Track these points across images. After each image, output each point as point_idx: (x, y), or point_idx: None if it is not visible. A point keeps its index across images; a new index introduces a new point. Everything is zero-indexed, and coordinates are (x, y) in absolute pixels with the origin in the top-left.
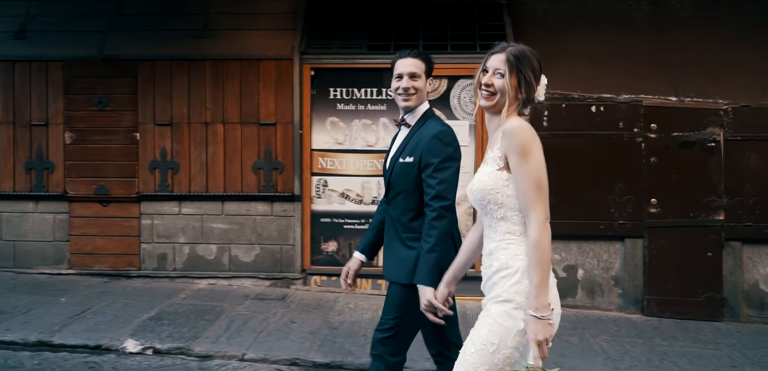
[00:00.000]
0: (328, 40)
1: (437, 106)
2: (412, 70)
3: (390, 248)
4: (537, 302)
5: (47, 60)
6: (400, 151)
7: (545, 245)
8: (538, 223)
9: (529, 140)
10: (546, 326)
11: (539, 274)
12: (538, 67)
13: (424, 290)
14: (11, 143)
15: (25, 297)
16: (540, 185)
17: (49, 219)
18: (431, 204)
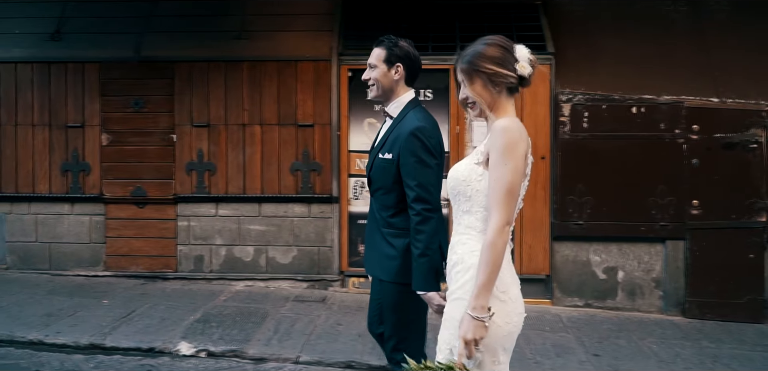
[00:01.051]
0: (364, 41)
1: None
2: (370, 61)
3: (371, 240)
4: (476, 302)
5: (83, 62)
6: (380, 146)
7: (498, 250)
8: (497, 226)
9: (514, 142)
10: (479, 327)
11: (484, 276)
12: (496, 52)
13: (430, 296)
14: (47, 144)
15: (67, 299)
16: (510, 191)
17: (85, 221)
18: (413, 207)
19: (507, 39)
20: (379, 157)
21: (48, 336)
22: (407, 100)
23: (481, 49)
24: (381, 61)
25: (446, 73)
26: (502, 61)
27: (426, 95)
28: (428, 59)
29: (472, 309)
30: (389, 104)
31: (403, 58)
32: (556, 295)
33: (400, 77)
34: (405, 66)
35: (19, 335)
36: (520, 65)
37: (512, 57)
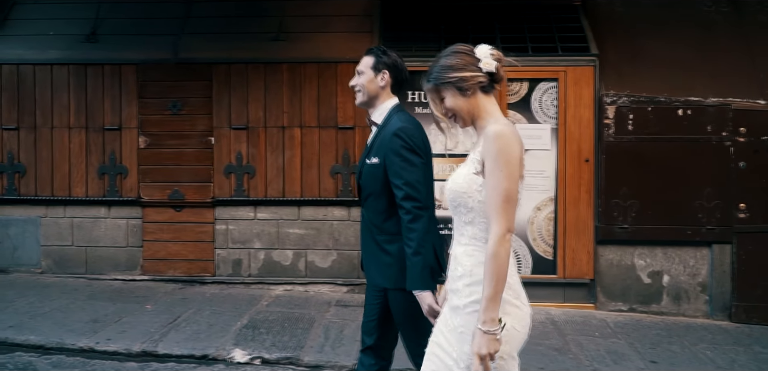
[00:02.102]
0: (403, 43)
1: (518, 109)
2: (358, 68)
3: (368, 249)
4: (485, 315)
5: (120, 63)
6: (367, 152)
7: (502, 259)
8: (498, 235)
9: (509, 148)
10: (492, 341)
11: (491, 287)
12: (456, 60)
13: (423, 296)
14: (84, 147)
15: (109, 304)
16: (508, 197)
17: (122, 225)
18: (403, 206)
19: (464, 43)
20: (366, 163)
21: (98, 344)
22: (390, 106)
23: (443, 61)
24: (368, 67)
25: None
26: (464, 65)
27: None
28: None
29: (482, 323)
30: (374, 112)
31: (389, 66)
32: (600, 299)
33: (386, 84)
34: (391, 74)
35: (69, 342)
36: (484, 63)
37: (473, 58)
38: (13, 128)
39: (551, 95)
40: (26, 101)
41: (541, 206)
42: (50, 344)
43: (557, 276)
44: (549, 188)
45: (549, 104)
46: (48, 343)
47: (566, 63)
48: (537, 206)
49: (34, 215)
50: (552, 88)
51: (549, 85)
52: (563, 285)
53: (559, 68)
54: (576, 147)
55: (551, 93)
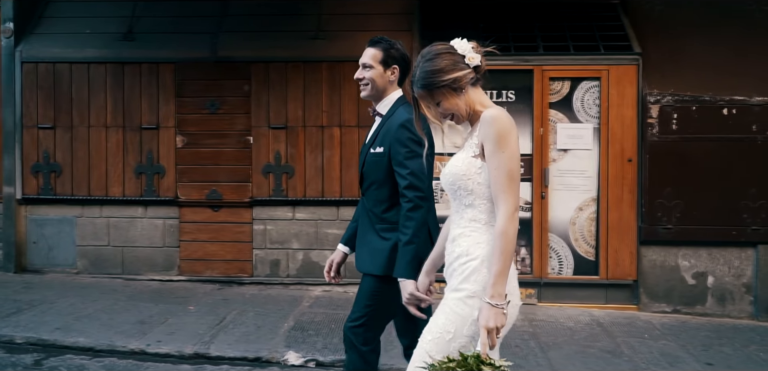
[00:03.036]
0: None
1: (559, 108)
2: (365, 60)
3: (364, 239)
4: (493, 290)
5: (158, 62)
6: (371, 141)
7: (511, 236)
8: (507, 213)
9: (507, 129)
10: (499, 314)
11: (500, 263)
12: (445, 61)
13: (405, 283)
14: (121, 146)
15: (151, 305)
16: (512, 176)
17: (159, 225)
18: (406, 195)
19: (443, 43)
20: (370, 152)
21: (149, 346)
22: (396, 98)
23: (430, 66)
24: (377, 62)
25: (529, 74)
26: (454, 65)
27: (508, 96)
28: (511, 59)
29: (490, 297)
30: (379, 103)
31: (399, 60)
32: (643, 301)
33: (394, 78)
34: (400, 68)
35: (120, 344)
36: (469, 58)
37: (459, 56)
38: (49, 127)
39: (593, 94)
40: (62, 99)
41: (583, 206)
42: (100, 346)
43: (599, 277)
44: (591, 188)
45: (591, 103)
46: (98, 345)
47: (609, 62)
48: (579, 207)
49: (70, 215)
50: (594, 87)
51: (591, 84)
52: (605, 285)
53: (601, 67)
54: (619, 147)
55: (593, 92)
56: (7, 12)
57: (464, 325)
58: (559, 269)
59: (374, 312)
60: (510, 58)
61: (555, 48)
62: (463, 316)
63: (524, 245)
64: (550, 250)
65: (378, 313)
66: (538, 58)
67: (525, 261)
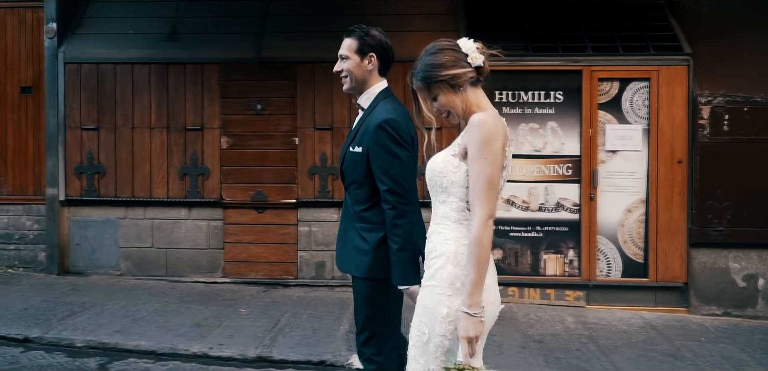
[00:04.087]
0: (488, 42)
1: (608, 109)
2: (341, 52)
3: (345, 236)
4: (470, 299)
5: (202, 63)
6: (351, 138)
7: (486, 244)
8: (480, 221)
9: (491, 135)
10: (477, 323)
11: (476, 272)
12: (447, 57)
13: (412, 291)
14: (165, 147)
15: (203, 308)
16: (491, 184)
17: (203, 226)
18: (388, 201)
19: (449, 39)
20: (349, 151)
21: (212, 349)
22: (378, 90)
23: (431, 60)
24: (353, 51)
25: (578, 75)
26: (455, 62)
27: (556, 97)
28: (558, 60)
29: (468, 306)
30: (361, 96)
31: (375, 48)
32: (693, 303)
33: (373, 67)
34: (378, 56)
35: (182, 348)
36: (472, 58)
37: (462, 54)
38: (92, 128)
39: (642, 94)
40: (106, 100)
41: (632, 208)
42: (162, 349)
43: (648, 280)
44: (640, 189)
45: (640, 104)
46: (160, 349)
47: (658, 62)
48: (627, 208)
49: (114, 217)
50: (643, 88)
51: (640, 85)
52: (654, 288)
53: (651, 68)
54: (668, 148)
55: (642, 93)
56: (50, 12)
57: (435, 322)
58: (607, 272)
59: (376, 318)
60: (558, 58)
61: (602, 48)
62: (433, 313)
63: (572, 248)
64: (598, 252)
65: (379, 317)
66: (587, 58)
67: (573, 264)
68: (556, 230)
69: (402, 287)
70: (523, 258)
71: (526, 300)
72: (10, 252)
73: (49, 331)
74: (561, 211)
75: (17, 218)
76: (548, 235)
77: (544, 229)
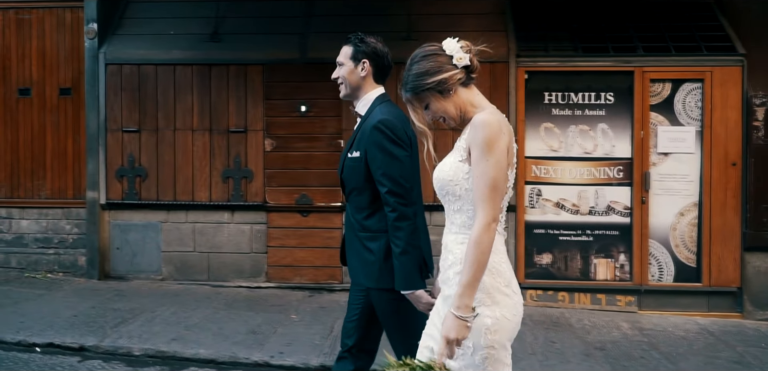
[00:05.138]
0: (538, 42)
1: (660, 111)
2: (338, 59)
3: (352, 247)
4: (459, 300)
5: (246, 64)
6: (350, 145)
7: (484, 247)
8: (482, 223)
9: (495, 135)
10: (462, 327)
11: (470, 274)
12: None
13: (416, 296)
14: (207, 150)
15: (252, 313)
16: (495, 186)
17: (246, 230)
18: (388, 202)
19: (431, 43)
20: (348, 156)
21: (273, 358)
22: (374, 96)
23: (416, 69)
24: (348, 58)
25: (629, 76)
26: (439, 67)
27: (607, 99)
28: (609, 61)
29: (455, 307)
30: (358, 103)
31: (369, 55)
32: (747, 308)
33: (367, 74)
34: (372, 62)
35: (243, 356)
36: (457, 58)
37: (446, 57)
38: (134, 130)
39: (695, 96)
40: (147, 102)
41: (685, 211)
42: (222, 358)
43: (701, 284)
44: (693, 192)
45: (693, 106)
46: (219, 357)
47: (712, 63)
48: (680, 212)
49: (155, 221)
50: (696, 89)
51: (692, 85)
52: (707, 293)
53: (704, 68)
54: (722, 150)
55: (695, 94)
56: (91, 13)
57: (479, 336)
58: (659, 276)
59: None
60: (609, 59)
61: (654, 49)
62: (475, 328)
63: (623, 252)
64: (650, 256)
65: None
66: (639, 59)
67: (624, 268)
68: (606, 233)
69: (405, 292)
70: (573, 263)
71: (577, 305)
72: (50, 257)
73: (105, 339)
74: (612, 214)
75: (56, 222)
76: (598, 239)
77: (595, 233)
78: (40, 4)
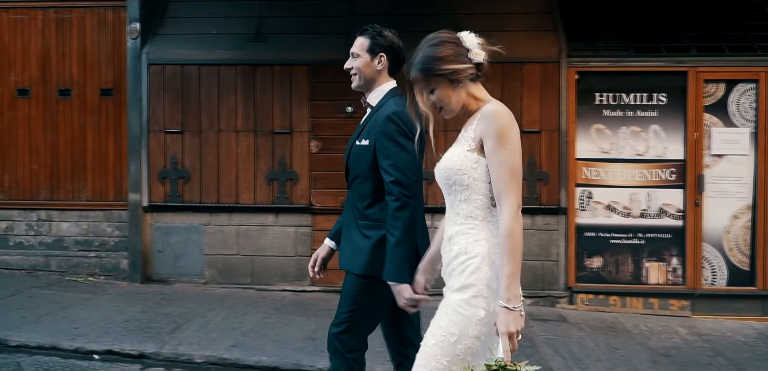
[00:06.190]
0: (587, 42)
1: (714, 112)
2: (353, 49)
3: (347, 234)
4: (508, 292)
5: (291, 64)
6: (358, 133)
7: (518, 234)
8: (510, 211)
9: (508, 125)
10: (517, 317)
11: (511, 264)
12: (449, 50)
13: (400, 288)
14: (252, 152)
15: (303, 318)
16: (515, 173)
17: (291, 233)
18: (392, 192)
19: (451, 32)
20: (356, 144)
21: None
22: (387, 89)
23: (432, 52)
24: (364, 50)
25: (682, 76)
26: (456, 56)
27: (659, 99)
28: (662, 61)
29: (506, 300)
30: (370, 95)
31: (386, 49)
32: None
33: (383, 67)
34: (388, 56)
35: (306, 364)
36: (474, 53)
37: (463, 49)
38: (176, 132)
39: (749, 96)
40: (191, 102)
41: (739, 214)
42: (286, 365)
43: (755, 288)
44: (746, 195)
45: (747, 107)
46: (283, 365)
47: (766, 63)
48: (734, 215)
49: (197, 223)
50: (750, 89)
51: (747, 86)
52: (762, 297)
53: (759, 69)
54: None
55: (749, 95)
56: (134, 12)
57: (469, 326)
58: (712, 280)
59: (358, 315)
60: (661, 59)
61: (707, 49)
62: (467, 317)
63: (676, 255)
64: (703, 260)
65: (362, 316)
66: (692, 59)
67: (677, 272)
68: (658, 237)
69: (392, 282)
70: (625, 266)
71: (629, 309)
72: (91, 260)
73: (164, 346)
74: (664, 217)
75: (97, 225)
76: (650, 242)
77: (647, 236)
78: (80, 4)
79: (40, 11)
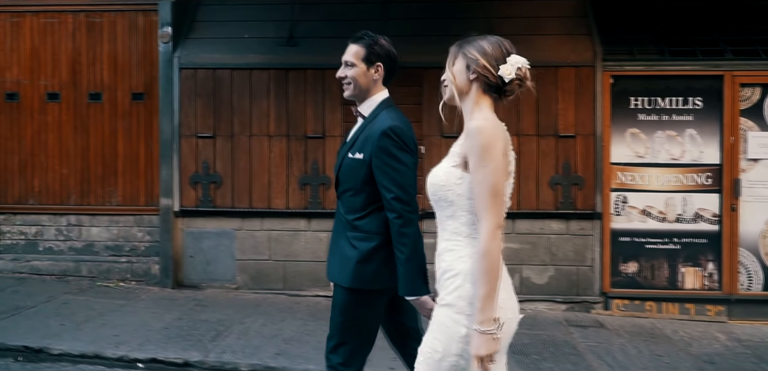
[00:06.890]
0: (622, 46)
1: (749, 116)
2: (346, 58)
3: (336, 245)
4: (481, 315)
5: (324, 68)
6: (350, 145)
7: (494, 255)
8: (488, 231)
9: (491, 142)
10: (489, 341)
11: (486, 285)
12: (487, 46)
13: (422, 301)
14: (284, 156)
15: None
16: (495, 192)
17: (323, 238)
18: (394, 209)
19: (509, 42)
20: (348, 157)
21: None
22: (380, 99)
23: (484, 41)
24: (360, 59)
25: (718, 80)
26: (486, 54)
27: (695, 103)
28: (698, 65)
29: (479, 323)
30: (363, 104)
31: (383, 58)
32: None
33: (379, 77)
34: (385, 66)
35: None
36: (505, 68)
37: (501, 58)
38: (208, 136)
39: None
40: (222, 107)
41: None
42: None
43: None
44: None
45: None
46: None
47: None
48: None
49: (229, 228)
50: None
51: None
52: None
53: None
54: None
55: None
56: (165, 16)
57: (452, 342)
58: (748, 285)
59: (349, 328)
60: (697, 63)
61: (741, 53)
62: (450, 334)
63: (712, 260)
64: (739, 265)
65: (354, 328)
66: (728, 63)
67: (712, 277)
68: (694, 242)
69: (410, 298)
70: (660, 271)
71: (665, 314)
72: (122, 265)
73: (208, 354)
74: (700, 222)
75: (128, 230)
76: (686, 247)
77: (682, 241)
78: (111, 7)
79: (70, 15)
